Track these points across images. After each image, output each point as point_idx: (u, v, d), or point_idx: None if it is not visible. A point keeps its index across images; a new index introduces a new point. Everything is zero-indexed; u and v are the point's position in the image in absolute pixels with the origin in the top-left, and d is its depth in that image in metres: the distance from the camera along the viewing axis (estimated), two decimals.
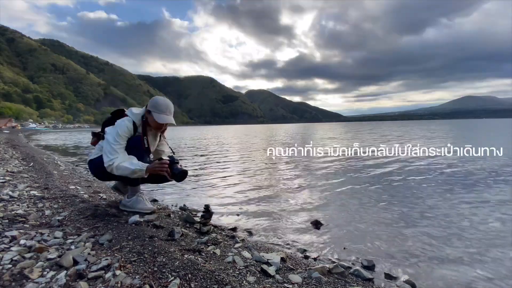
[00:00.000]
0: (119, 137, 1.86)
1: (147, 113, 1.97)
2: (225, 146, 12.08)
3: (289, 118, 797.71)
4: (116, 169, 1.80)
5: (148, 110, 1.96)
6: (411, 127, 35.64)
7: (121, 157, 1.83)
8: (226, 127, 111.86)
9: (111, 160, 1.80)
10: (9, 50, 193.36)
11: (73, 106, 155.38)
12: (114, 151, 1.82)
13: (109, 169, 1.82)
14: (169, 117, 1.97)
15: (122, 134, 1.88)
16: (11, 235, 1.48)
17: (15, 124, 54.69)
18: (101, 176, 2.08)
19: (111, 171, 1.82)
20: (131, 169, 1.80)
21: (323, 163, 6.21)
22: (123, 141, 1.88)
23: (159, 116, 1.93)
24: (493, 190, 3.55)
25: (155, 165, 1.86)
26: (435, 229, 2.31)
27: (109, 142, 1.85)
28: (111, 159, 1.81)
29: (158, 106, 1.94)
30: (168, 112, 1.97)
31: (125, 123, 1.92)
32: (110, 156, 1.81)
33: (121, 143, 1.87)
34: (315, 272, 1.41)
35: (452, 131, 21.52)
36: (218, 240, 1.76)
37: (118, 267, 1.23)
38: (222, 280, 1.20)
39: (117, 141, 1.84)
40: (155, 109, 1.94)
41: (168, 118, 1.96)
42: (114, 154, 1.82)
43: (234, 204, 3.08)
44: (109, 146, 1.84)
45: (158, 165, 1.86)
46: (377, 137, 15.26)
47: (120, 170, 1.80)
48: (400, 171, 4.97)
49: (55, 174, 3.86)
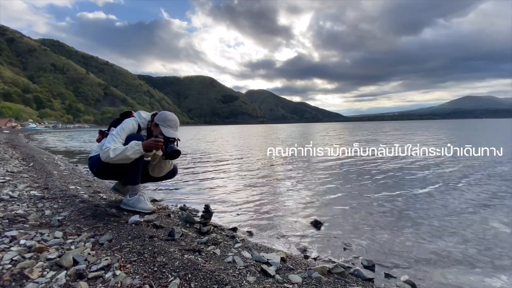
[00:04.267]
0: (122, 132, 1.95)
1: (154, 125, 2.06)
2: (225, 146, 12.08)
3: (289, 118, 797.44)
4: (112, 152, 1.80)
5: (156, 123, 2.03)
6: (412, 127, 35.64)
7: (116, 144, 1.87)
8: (226, 127, 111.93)
9: (107, 146, 1.83)
10: (9, 50, 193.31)
11: (73, 106, 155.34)
12: (113, 140, 1.88)
13: (106, 155, 1.81)
14: (176, 132, 2.05)
15: (126, 129, 1.96)
16: (11, 235, 1.48)
17: (15, 124, 54.67)
18: (100, 172, 2.11)
19: (107, 156, 1.80)
20: (126, 147, 1.83)
21: (323, 163, 6.21)
22: (124, 135, 1.95)
23: (167, 130, 1.99)
24: (493, 190, 3.54)
25: (150, 141, 1.89)
26: (435, 229, 2.31)
27: (110, 134, 1.94)
28: (107, 145, 1.84)
29: (168, 121, 2.02)
30: (175, 128, 2.06)
31: (131, 122, 2.02)
32: (108, 144, 1.85)
33: (122, 137, 1.93)
34: (315, 272, 1.41)
35: (453, 131, 21.52)
36: (218, 240, 1.76)
37: (118, 267, 1.23)
38: (222, 280, 1.20)
39: (119, 134, 1.92)
40: (164, 123, 2.01)
41: (175, 133, 2.03)
42: (112, 142, 1.86)
43: (234, 204, 3.08)
44: (110, 137, 1.91)
45: (153, 142, 1.89)
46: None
47: (117, 151, 1.81)
48: (400, 171, 4.97)
49: (55, 174, 3.87)
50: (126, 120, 2.05)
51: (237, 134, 25.78)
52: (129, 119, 2.05)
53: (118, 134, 1.93)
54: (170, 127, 2.02)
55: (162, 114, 2.07)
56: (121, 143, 1.91)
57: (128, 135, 1.97)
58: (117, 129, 1.97)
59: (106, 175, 2.19)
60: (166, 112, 2.08)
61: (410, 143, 10.41)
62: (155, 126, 2.04)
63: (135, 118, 2.07)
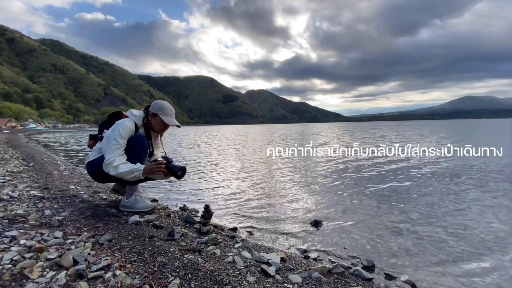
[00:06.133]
0: (120, 137, 1.86)
1: (152, 116, 2.01)
2: (226, 146, 12.08)
3: (289, 118, 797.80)
4: (113, 170, 1.79)
5: (154, 113, 2.00)
6: (413, 127, 35.62)
7: (119, 158, 1.83)
8: (226, 127, 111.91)
9: (108, 160, 1.80)
10: (9, 50, 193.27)
11: (73, 106, 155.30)
12: (113, 151, 1.82)
13: (107, 169, 1.81)
14: (175, 120, 2.06)
15: (124, 134, 1.88)
16: (11, 235, 1.48)
17: (15, 124, 54.64)
18: (99, 177, 2.07)
19: (108, 171, 1.80)
20: (128, 170, 1.80)
21: (323, 163, 6.21)
22: (123, 141, 1.88)
23: (167, 119, 1.99)
24: (493, 190, 3.55)
25: (152, 166, 1.87)
26: (435, 229, 2.31)
27: (110, 142, 1.85)
28: (110, 158, 1.80)
29: (165, 109, 2.01)
30: (173, 115, 2.06)
31: (127, 124, 1.93)
32: (109, 156, 1.81)
33: (121, 144, 1.87)
34: (315, 272, 1.41)
35: (452, 131, 21.51)
36: (218, 240, 1.75)
37: (118, 267, 1.23)
38: (222, 280, 1.20)
39: (117, 142, 1.85)
40: (162, 112, 1.99)
41: (174, 120, 2.04)
42: (113, 154, 1.82)
43: (234, 204, 3.08)
44: (109, 146, 1.84)
45: (156, 166, 1.87)
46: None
47: (118, 170, 1.79)
48: (400, 171, 4.97)
49: (55, 174, 3.87)
50: (121, 122, 1.93)
51: (237, 134, 25.76)
52: (125, 121, 1.94)
53: (117, 141, 1.84)
54: (170, 115, 2.01)
55: (157, 103, 2.03)
56: (121, 150, 1.86)
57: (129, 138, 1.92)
58: (115, 134, 1.86)
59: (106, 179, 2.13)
60: (160, 101, 2.05)
61: (410, 143, 10.41)
62: (153, 116, 2.01)
63: (130, 119, 1.97)
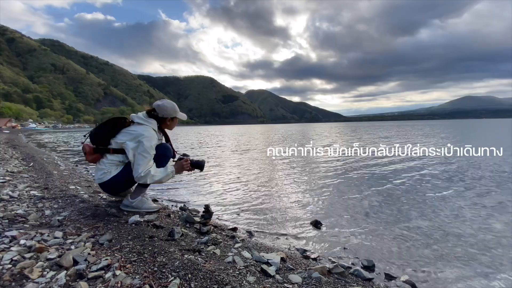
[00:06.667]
0: (152, 149, 1.95)
1: (171, 120, 2.14)
2: (226, 146, 12.08)
3: (289, 118, 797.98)
4: (150, 179, 1.92)
5: (172, 117, 2.13)
6: (413, 127, 35.62)
7: (153, 168, 1.95)
8: (226, 127, 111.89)
9: (144, 172, 1.89)
10: (9, 50, 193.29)
11: (73, 106, 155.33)
12: (146, 163, 1.91)
13: (143, 180, 1.92)
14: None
15: (154, 145, 1.98)
16: (11, 235, 1.48)
17: (15, 124, 54.63)
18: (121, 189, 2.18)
19: (145, 181, 1.93)
20: (165, 175, 1.98)
21: (323, 163, 6.21)
22: (154, 152, 1.97)
23: (182, 115, 2.21)
24: (493, 190, 3.55)
25: (182, 164, 2.10)
26: (435, 229, 2.31)
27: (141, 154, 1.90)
28: (145, 170, 1.90)
29: (177, 109, 2.15)
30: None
31: (153, 134, 1.99)
32: (144, 168, 1.90)
33: (152, 155, 1.96)
34: (315, 272, 1.41)
35: (452, 131, 21.51)
36: (218, 240, 1.75)
37: (118, 267, 1.23)
38: (222, 280, 1.20)
39: (149, 154, 1.93)
40: (178, 113, 2.16)
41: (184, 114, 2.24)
42: (147, 165, 1.91)
43: (234, 204, 3.08)
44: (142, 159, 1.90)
45: (185, 163, 2.11)
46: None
47: (155, 179, 1.94)
48: (400, 171, 4.97)
49: (55, 174, 3.86)
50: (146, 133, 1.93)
51: (237, 134, 25.76)
52: (148, 131, 1.95)
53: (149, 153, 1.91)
54: (181, 113, 2.20)
55: (167, 106, 2.07)
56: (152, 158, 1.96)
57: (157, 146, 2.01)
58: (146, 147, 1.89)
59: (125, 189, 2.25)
60: (166, 102, 2.10)
61: (410, 143, 10.41)
62: (171, 120, 2.15)
63: (149, 127, 1.99)
